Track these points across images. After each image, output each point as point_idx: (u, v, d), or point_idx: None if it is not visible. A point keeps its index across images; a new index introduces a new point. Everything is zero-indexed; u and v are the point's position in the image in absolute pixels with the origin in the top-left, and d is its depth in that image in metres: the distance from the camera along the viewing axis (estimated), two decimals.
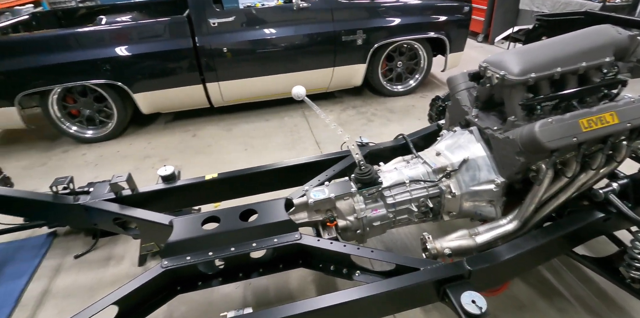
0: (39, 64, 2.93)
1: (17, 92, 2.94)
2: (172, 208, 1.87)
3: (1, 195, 1.64)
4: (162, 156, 2.92)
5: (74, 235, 2.12)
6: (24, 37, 3.20)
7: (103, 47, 3.00)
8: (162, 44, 3.09)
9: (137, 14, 4.23)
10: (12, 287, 1.79)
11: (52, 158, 3.07)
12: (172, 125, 3.47)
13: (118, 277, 1.82)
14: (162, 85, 3.17)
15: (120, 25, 3.19)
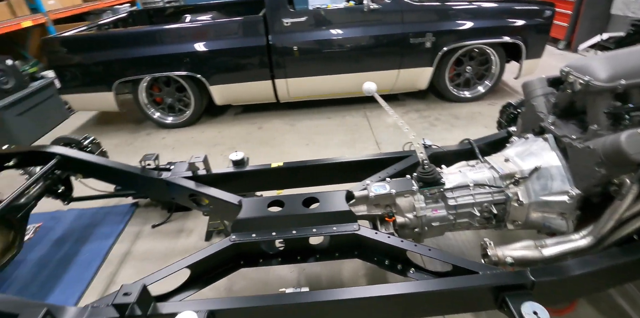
0: (134, 55, 3.32)
1: (114, 80, 3.37)
2: (238, 190, 2.01)
3: (102, 165, 1.91)
4: (230, 145, 3.15)
5: (152, 207, 2.39)
6: (122, 32, 3.64)
7: (187, 42, 3.31)
8: (239, 41, 3.33)
9: (216, 13, 4.60)
10: (101, 245, 2.07)
11: (138, 139, 3.47)
12: (241, 117, 3.72)
13: (187, 248, 2.02)
14: (236, 79, 3.42)
15: (203, 23, 3.50)
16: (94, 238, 2.15)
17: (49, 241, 2.16)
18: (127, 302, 1.10)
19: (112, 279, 1.87)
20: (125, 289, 1.14)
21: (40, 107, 3.90)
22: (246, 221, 1.49)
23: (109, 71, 3.36)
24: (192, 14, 4.49)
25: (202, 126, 3.60)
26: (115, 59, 3.33)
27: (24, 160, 1.94)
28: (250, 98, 3.60)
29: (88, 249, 2.06)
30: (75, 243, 2.13)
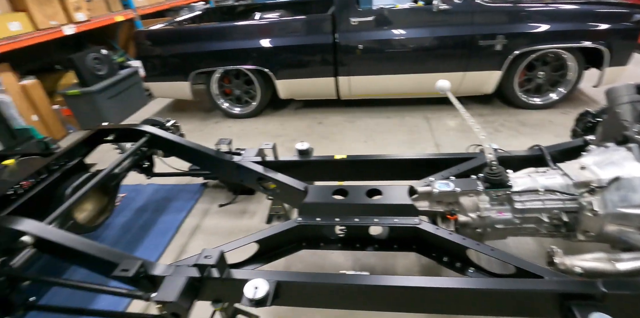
0: (209, 49, 3.59)
1: (191, 71, 3.68)
2: (301, 179, 2.13)
3: (183, 145, 2.12)
4: (291, 137, 3.30)
5: (220, 188, 2.60)
6: (199, 27, 3.95)
7: (257, 38, 3.51)
8: (306, 38, 3.46)
9: (284, 12, 4.82)
10: (175, 218, 2.31)
11: (207, 126, 3.77)
12: (302, 111, 3.87)
13: (249, 228, 2.18)
14: (300, 75, 3.57)
15: (272, 21, 3.67)
16: (169, 211, 2.40)
17: (131, 210, 2.46)
18: (207, 263, 1.25)
19: (183, 248, 2.09)
20: (206, 253, 1.28)
21: (126, 93, 4.36)
22: (312, 205, 1.59)
23: (186, 62, 3.68)
24: (261, 12, 4.75)
25: (265, 118, 3.80)
26: (193, 52, 3.63)
27: (120, 136, 2.21)
28: (312, 94, 3.73)
29: (164, 220, 2.32)
30: (153, 213, 2.40)
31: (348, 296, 1.28)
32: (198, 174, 2.49)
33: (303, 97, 3.80)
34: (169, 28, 3.90)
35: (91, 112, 4.00)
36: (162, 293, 1.24)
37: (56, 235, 1.39)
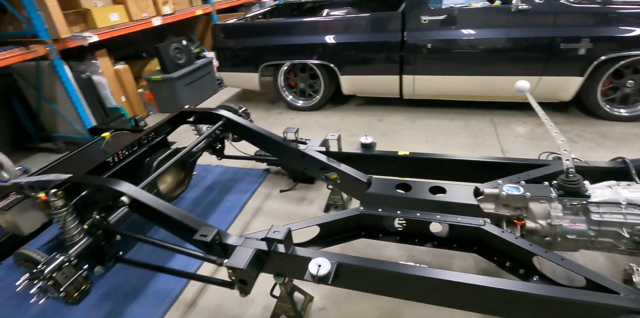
0: (279, 43, 3.75)
1: (261, 63, 3.88)
2: (363, 172, 2.18)
3: (255, 130, 2.26)
4: (351, 132, 3.36)
5: (281, 175, 2.75)
6: (270, 22, 4.14)
7: (325, 34, 3.59)
8: (374, 35, 3.48)
9: (351, 9, 4.87)
10: (240, 198, 2.49)
11: (271, 116, 3.96)
12: (362, 108, 3.91)
13: (307, 215, 2.28)
14: (365, 71, 3.60)
15: (341, 17, 3.73)
16: (234, 191, 2.59)
17: (201, 187, 2.69)
18: (276, 238, 1.35)
19: (246, 226, 2.25)
20: (275, 229, 1.39)
21: (200, 81, 4.71)
22: (374, 196, 1.63)
23: (257, 55, 3.88)
24: (329, 9, 4.85)
25: (327, 112, 3.90)
26: (263, 46, 3.82)
27: (199, 118, 2.42)
28: (375, 91, 3.75)
29: (229, 199, 2.51)
30: (219, 192, 2.60)
31: (404, 286, 1.31)
32: (263, 159, 2.64)
33: (365, 94, 3.83)
34: (242, 22, 4.14)
35: (169, 96, 4.38)
36: (233, 260, 1.37)
37: (149, 198, 1.58)
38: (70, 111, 3.56)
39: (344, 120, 3.65)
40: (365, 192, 1.66)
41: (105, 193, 1.66)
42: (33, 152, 3.87)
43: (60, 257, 1.44)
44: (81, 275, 1.48)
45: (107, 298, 1.83)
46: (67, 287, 1.43)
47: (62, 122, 3.72)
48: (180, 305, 1.76)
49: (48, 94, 3.59)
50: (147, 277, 1.92)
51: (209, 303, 1.75)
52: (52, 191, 1.65)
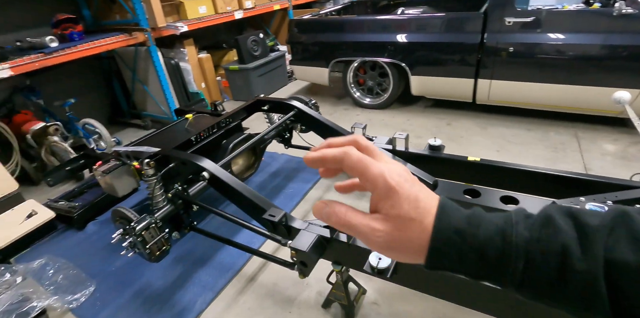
0: (352, 40, 3.78)
1: (332, 59, 3.95)
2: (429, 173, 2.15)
3: (323, 122, 2.33)
4: (416, 133, 3.30)
5: None
6: (342, 19, 4.16)
7: (397, 33, 3.54)
8: (452, 36, 3.35)
9: (427, 8, 4.73)
10: (302, 186, 2.60)
11: (337, 111, 4.03)
12: (430, 110, 3.81)
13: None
14: (438, 73, 3.50)
15: (415, 16, 3.64)
16: (297, 180, 2.70)
17: (267, 172, 2.84)
18: None
19: (306, 214, 2.34)
20: None
21: (272, 72, 4.93)
22: None
23: (329, 51, 3.95)
24: (405, 7, 4.76)
25: (393, 111, 3.87)
26: (336, 42, 3.88)
27: (272, 107, 2.55)
28: (446, 94, 3.63)
29: (292, 186, 2.62)
30: (283, 179, 2.73)
31: (463, 291, 1.29)
32: None
33: (435, 96, 3.72)
34: (317, 18, 4.23)
35: (243, 85, 4.66)
36: (297, 242, 1.44)
37: (226, 176, 1.72)
38: (158, 92, 3.95)
39: (410, 121, 3.59)
40: None
41: (188, 167, 1.84)
42: (125, 126, 4.36)
43: (148, 218, 1.63)
44: (163, 237, 1.67)
45: (179, 262, 2.04)
46: (151, 245, 1.62)
47: (150, 102, 4.14)
48: (241, 278, 1.90)
49: (142, 77, 4.01)
50: (214, 248, 2.10)
51: (267, 280, 1.87)
52: (145, 161, 1.87)
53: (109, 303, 1.84)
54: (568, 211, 0.37)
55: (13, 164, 2.98)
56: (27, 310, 1.67)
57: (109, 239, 2.31)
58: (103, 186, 2.18)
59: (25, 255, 2.32)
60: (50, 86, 3.71)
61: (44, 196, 2.90)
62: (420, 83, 3.60)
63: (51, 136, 3.03)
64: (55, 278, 2.04)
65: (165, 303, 1.79)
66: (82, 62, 3.68)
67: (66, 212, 2.49)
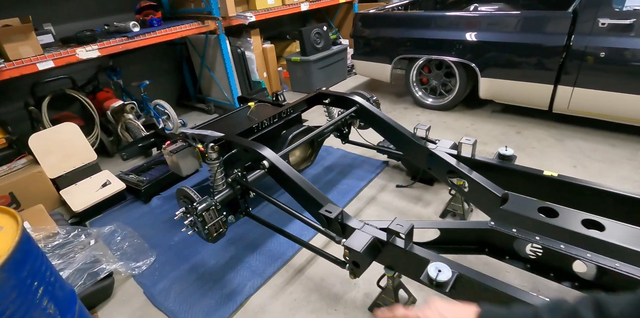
0: (418, 36, 3.60)
1: (395, 55, 3.81)
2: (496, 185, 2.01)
3: (384, 120, 2.25)
4: (482, 140, 3.09)
5: (399, 170, 2.72)
6: (409, 14, 3.98)
7: (468, 31, 3.31)
8: (531, 36, 3.05)
9: (503, 5, 4.37)
10: (356, 183, 2.57)
11: (395, 110, 3.91)
12: (498, 116, 3.55)
13: (420, 216, 2.22)
14: (511, 76, 3.23)
15: (494, 14, 3.36)
16: (351, 176, 2.67)
17: (321, 166, 2.85)
18: (398, 231, 1.34)
19: (358, 212, 2.31)
20: (398, 222, 1.38)
21: (332, 66, 4.90)
22: (510, 214, 1.49)
23: (393, 47, 3.81)
24: (478, 4, 4.45)
25: (456, 114, 3.67)
26: (401, 38, 3.72)
27: (333, 101, 2.53)
28: (519, 99, 3.35)
29: (346, 182, 2.60)
30: (337, 174, 2.72)
31: None
32: (385, 151, 2.64)
33: (506, 101, 3.45)
34: (383, 13, 4.08)
35: (303, 77, 4.69)
36: (352, 241, 1.42)
37: (286, 167, 1.74)
38: (223, 79, 4.10)
39: (474, 125, 3.38)
40: (500, 208, 1.52)
41: (250, 154, 1.88)
42: (190, 110, 4.61)
43: (209, 200, 1.70)
44: (221, 220, 1.73)
45: (232, 244, 2.12)
46: (210, 227, 1.69)
47: (215, 88, 4.33)
48: (290, 268, 1.92)
49: (209, 63, 4.19)
50: (265, 235, 2.15)
51: (314, 274, 1.87)
52: (210, 145, 1.94)
53: (166, 274, 1.97)
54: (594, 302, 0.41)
55: (94, 137, 3.28)
56: (97, 271, 1.83)
57: (171, 214, 2.49)
58: (169, 165, 2.31)
59: (98, 219, 2.55)
60: (129, 68, 4.01)
61: (116, 168, 3.17)
62: (491, 86, 3.36)
63: (127, 113, 3.28)
64: (122, 244, 2.22)
65: (217, 283, 1.87)
66: (158, 47, 3.94)
67: (135, 185, 2.69)
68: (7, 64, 2.53)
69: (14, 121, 3.22)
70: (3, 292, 0.93)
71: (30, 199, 2.64)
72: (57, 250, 1.97)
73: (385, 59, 3.94)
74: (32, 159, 2.79)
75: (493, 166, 1.93)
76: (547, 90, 3.10)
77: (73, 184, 2.75)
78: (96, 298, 1.83)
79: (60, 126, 2.79)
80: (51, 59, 2.72)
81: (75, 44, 2.95)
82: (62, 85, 3.36)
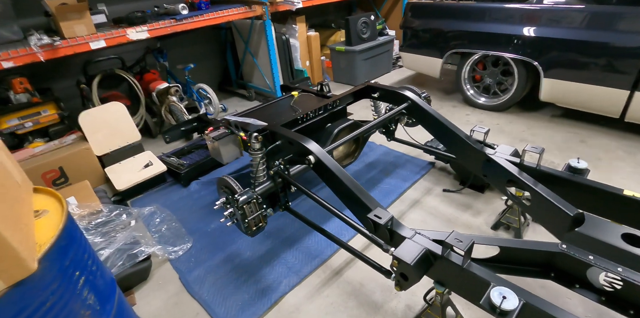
0: (473, 30, 3.34)
1: (448, 50, 3.56)
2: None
3: (437, 119, 2.08)
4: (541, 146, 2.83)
5: (446, 173, 2.55)
6: (467, 5, 3.65)
7: (535, 25, 3.01)
8: (607, 35, 2.73)
9: None
10: (399, 184, 2.43)
11: (443, 108, 3.69)
12: (558, 121, 3.25)
13: (469, 225, 2.06)
14: (580, 78, 2.92)
15: (564, 8, 3.00)
16: (394, 176, 2.54)
17: (363, 162, 2.73)
18: (456, 246, 1.21)
19: (400, 216, 2.18)
20: (456, 236, 1.25)
21: (377, 58, 4.70)
22: (588, 239, 1.31)
23: (447, 40, 3.56)
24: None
25: (510, 116, 3.40)
26: (456, 31, 3.47)
27: (383, 95, 2.38)
28: (586, 105, 3.04)
29: (389, 182, 2.47)
30: (380, 172, 2.59)
31: None
32: (433, 152, 2.47)
33: (570, 106, 3.14)
34: (437, 3, 3.81)
35: (346, 68, 4.53)
36: (402, 251, 1.30)
37: (333, 164, 1.63)
38: (266, 66, 4.03)
39: (531, 130, 3.10)
40: (575, 230, 1.35)
41: (295, 148, 1.79)
42: (231, 95, 4.61)
43: (250, 193, 1.64)
44: (262, 213, 1.67)
45: (268, 238, 2.07)
46: (250, 220, 1.63)
47: (257, 74, 4.27)
48: (327, 269, 1.84)
49: (253, 49, 4.13)
50: (302, 231, 2.08)
51: (353, 277, 1.79)
52: (254, 134, 1.87)
53: (202, 262, 1.95)
54: None
55: (139, 117, 3.33)
56: (137, 253, 1.84)
57: (208, 200, 2.48)
58: (210, 151, 2.28)
59: (139, 199, 2.59)
60: (174, 51, 4.02)
61: (157, 150, 3.21)
62: (554, 88, 3.06)
63: (172, 95, 3.29)
64: (160, 227, 2.24)
65: (252, 276, 1.82)
66: (203, 31, 3.91)
67: (176, 168, 2.71)
68: (63, 42, 2.57)
69: (66, 98, 3.32)
70: (44, 282, 0.89)
71: (77, 174, 2.72)
72: (99, 227, 2.00)
73: (436, 52, 3.71)
74: (81, 136, 2.87)
75: (562, 180, 1.73)
76: (622, 96, 2.78)
77: (117, 162, 2.81)
78: (133, 280, 1.85)
79: (109, 105, 2.84)
80: (103, 39, 2.75)
81: (126, 24, 2.97)
82: (112, 65, 3.42)
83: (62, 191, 2.42)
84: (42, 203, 1.14)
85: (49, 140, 2.96)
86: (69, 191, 2.40)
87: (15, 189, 1.02)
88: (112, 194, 2.66)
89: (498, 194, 2.29)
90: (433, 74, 3.83)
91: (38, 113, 2.86)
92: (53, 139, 2.93)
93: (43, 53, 2.51)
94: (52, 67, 3.25)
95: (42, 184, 2.61)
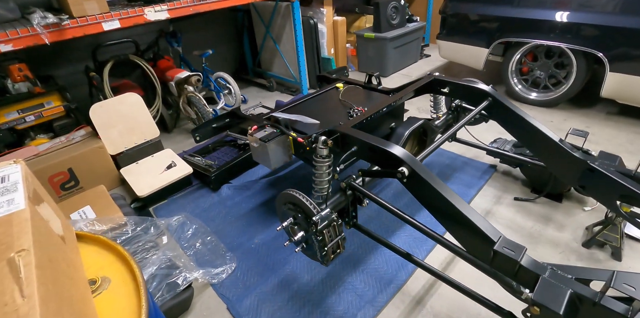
0: (527, 16, 3.00)
1: (496, 39, 3.24)
2: None
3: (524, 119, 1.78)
4: (602, 147, 2.54)
5: (512, 178, 2.26)
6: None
7: (602, 12, 2.70)
8: None
9: None
10: (465, 192, 2.14)
11: None
12: (616, 118, 2.98)
13: (556, 241, 1.79)
14: None
15: None
16: (456, 181, 2.25)
17: None
18: (621, 290, 0.95)
19: None
20: (623, 277, 0.99)
21: (407, 46, 4.35)
22: None
23: (494, 28, 3.24)
24: None
25: (562, 113, 3.11)
26: (506, 17, 3.13)
27: (454, 91, 2.06)
28: None
29: (452, 188, 2.17)
30: (437, 176, 2.28)
31: None
32: (496, 153, 2.17)
33: (629, 102, 2.87)
34: None
35: (375, 56, 4.17)
36: (542, 296, 1.03)
37: (435, 181, 1.34)
38: (290, 53, 3.66)
39: (590, 129, 2.82)
40: None
41: (378, 156, 1.48)
42: (247, 84, 4.22)
43: (328, 212, 1.33)
44: (341, 238, 1.37)
45: None
46: (329, 247, 1.33)
47: (278, 62, 3.89)
48: (405, 297, 1.56)
49: (275, 34, 3.74)
50: (365, 249, 1.79)
51: (438, 307, 1.51)
52: (322, 138, 1.55)
53: (252, 288, 1.65)
54: None
55: (155, 109, 2.96)
56: (176, 281, 1.54)
57: (245, 209, 2.16)
58: (254, 154, 1.95)
59: (162, 206, 2.27)
60: (186, 35, 3.61)
61: (175, 146, 2.87)
62: (620, 83, 2.77)
63: (190, 86, 2.92)
64: (194, 242, 1.92)
65: (317, 307, 1.54)
66: (219, 13, 3.50)
67: (204, 170, 2.38)
68: (71, 21, 2.18)
69: (71, 86, 2.92)
70: None
71: (89, 177, 2.38)
72: (126, 246, 1.68)
73: (481, 42, 3.38)
74: (91, 132, 2.50)
75: None
76: None
77: (134, 162, 2.46)
78: (174, 312, 1.54)
79: (124, 96, 2.47)
80: (117, 19, 2.35)
81: (142, 2, 2.57)
82: (124, 49, 3.02)
83: (75, 198, 2.07)
84: (94, 261, 0.78)
85: (53, 136, 2.59)
86: (84, 199, 2.06)
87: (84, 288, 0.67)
88: (130, 199, 2.33)
89: (577, 204, 2.03)
90: (475, 65, 3.51)
91: (41, 105, 2.48)
92: (58, 135, 2.56)
93: (47, 34, 2.11)
94: (52, 51, 2.83)
95: (49, 189, 2.26)
